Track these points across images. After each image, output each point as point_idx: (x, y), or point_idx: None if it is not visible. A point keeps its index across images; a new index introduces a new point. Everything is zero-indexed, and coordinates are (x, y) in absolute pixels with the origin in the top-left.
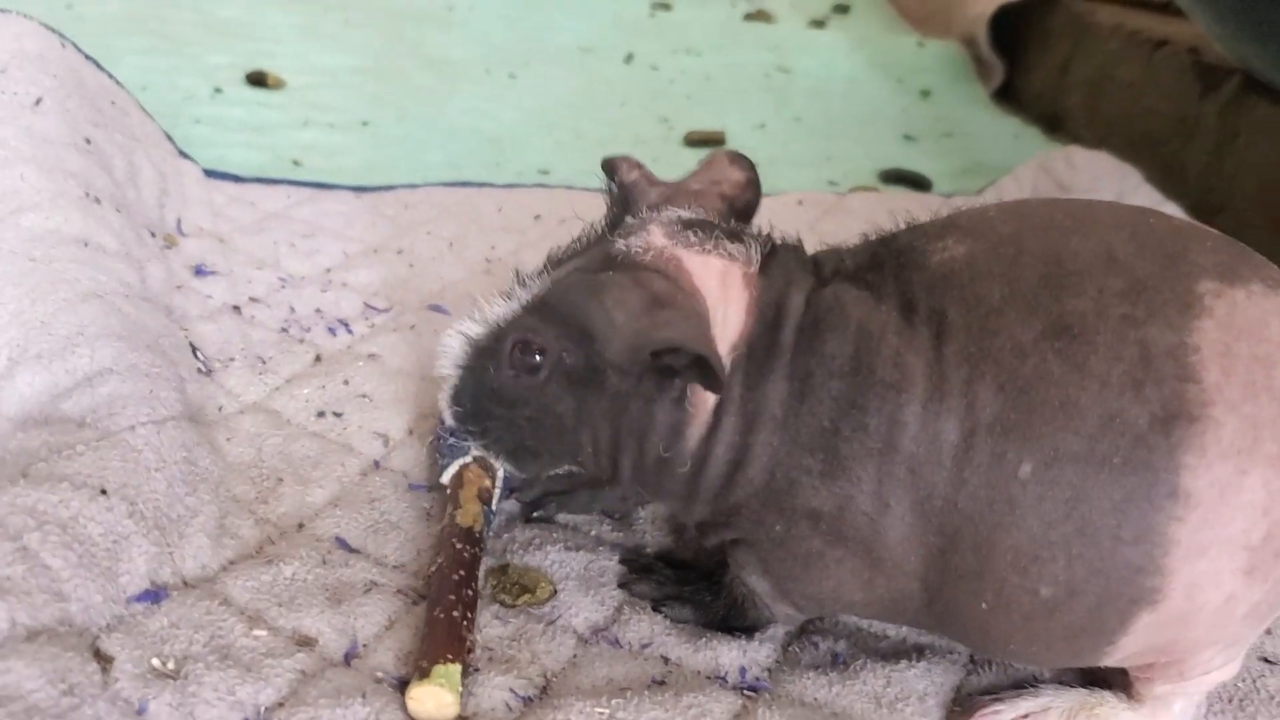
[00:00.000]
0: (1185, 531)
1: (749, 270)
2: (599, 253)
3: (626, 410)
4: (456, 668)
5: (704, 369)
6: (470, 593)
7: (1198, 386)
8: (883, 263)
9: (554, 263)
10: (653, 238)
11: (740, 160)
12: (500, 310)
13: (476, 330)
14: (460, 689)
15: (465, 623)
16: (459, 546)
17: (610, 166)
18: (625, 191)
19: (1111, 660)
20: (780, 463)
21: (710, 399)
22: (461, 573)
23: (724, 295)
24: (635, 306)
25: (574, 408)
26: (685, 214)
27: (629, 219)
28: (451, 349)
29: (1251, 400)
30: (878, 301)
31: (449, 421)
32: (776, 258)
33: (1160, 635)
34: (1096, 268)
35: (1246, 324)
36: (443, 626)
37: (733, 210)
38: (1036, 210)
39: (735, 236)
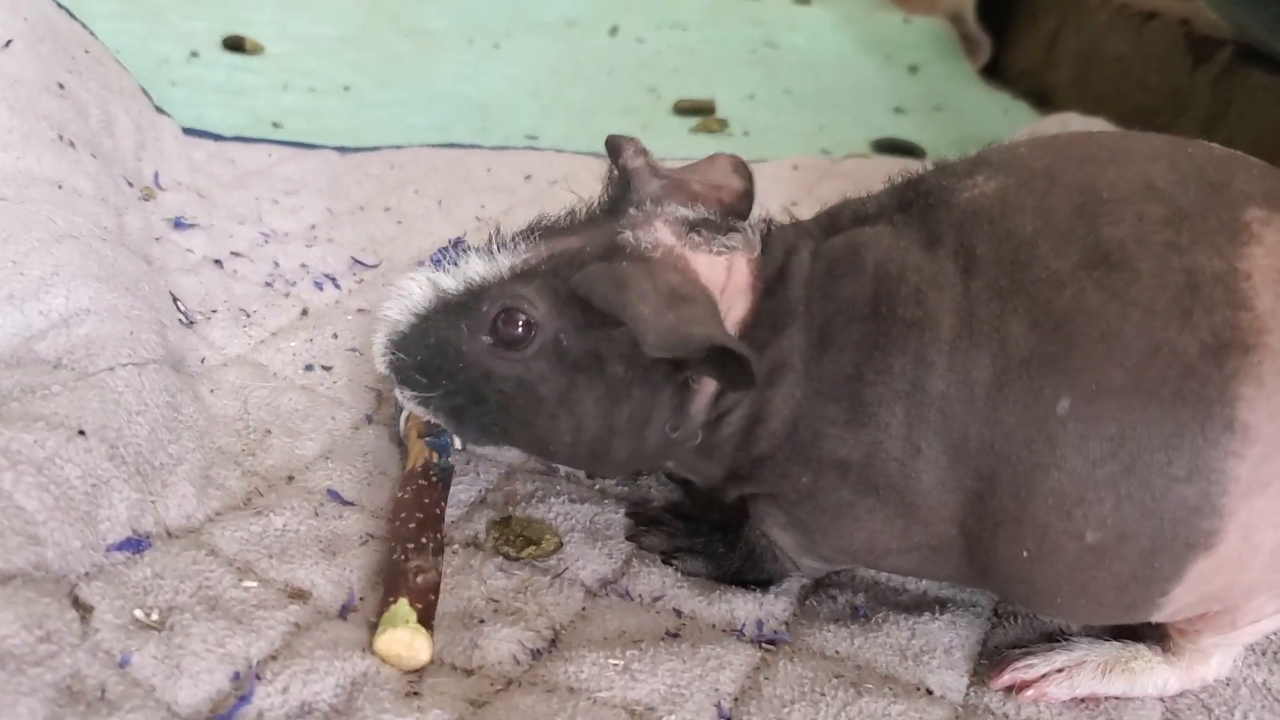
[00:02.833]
0: (1244, 468)
1: (751, 255)
2: (602, 238)
3: (628, 398)
4: (400, 603)
5: (729, 364)
6: (412, 526)
7: (1251, 314)
8: (910, 203)
9: (543, 232)
10: (660, 234)
11: (741, 168)
12: (479, 268)
13: (448, 282)
14: (412, 619)
15: (403, 557)
16: (399, 495)
17: (615, 147)
18: (626, 176)
19: (1163, 614)
20: (803, 414)
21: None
22: (402, 514)
23: (730, 285)
24: (655, 301)
25: (561, 390)
26: (689, 213)
27: (632, 209)
28: (411, 293)
29: None
30: (896, 240)
31: (380, 368)
32: (771, 236)
33: (1215, 582)
34: (1135, 196)
35: None
36: (386, 575)
37: (728, 214)
38: (1069, 144)
39: (733, 229)
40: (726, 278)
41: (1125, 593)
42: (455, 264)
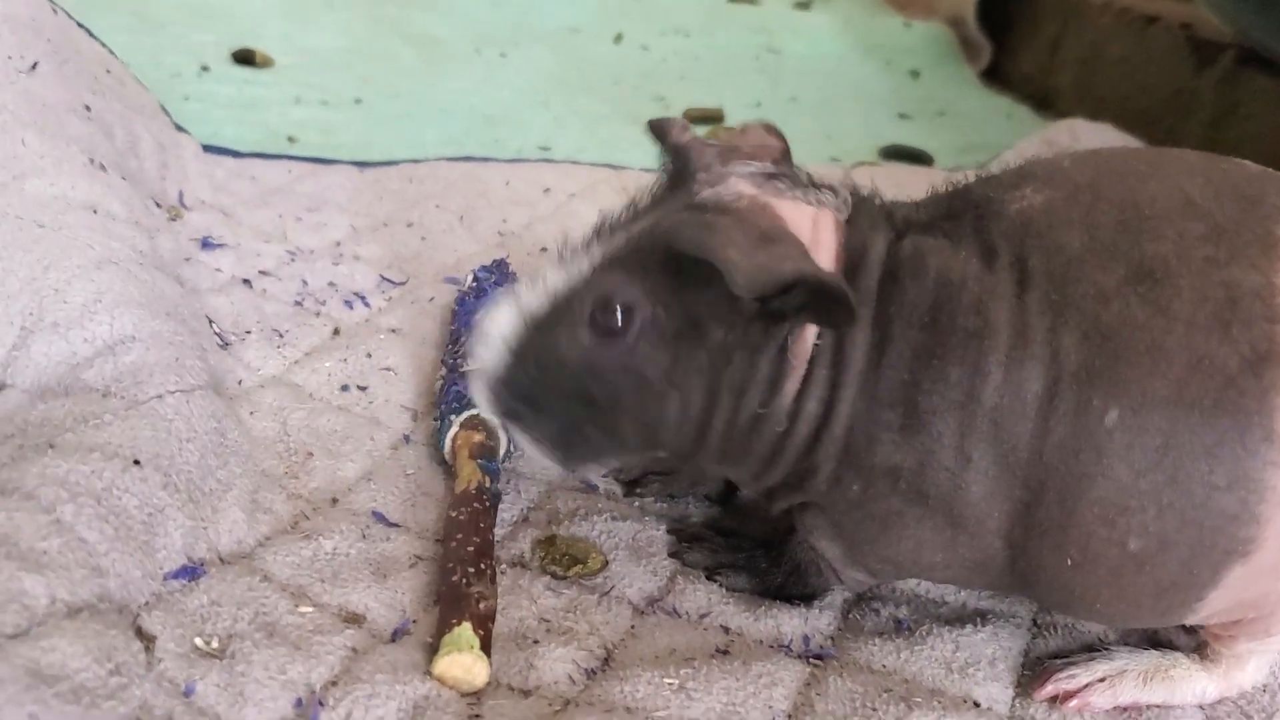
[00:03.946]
0: None
1: (839, 217)
2: (679, 205)
3: (729, 363)
4: (464, 626)
5: (827, 303)
6: (470, 549)
7: None
8: (959, 214)
9: (611, 227)
10: (739, 187)
11: (774, 130)
12: (558, 279)
13: (532, 302)
14: (475, 644)
15: (464, 581)
16: (453, 514)
17: (660, 129)
18: (681, 152)
19: (1196, 617)
20: (859, 418)
21: (807, 349)
22: (459, 536)
23: (815, 240)
24: (744, 244)
25: (666, 368)
26: (762, 167)
27: (700, 174)
28: (499, 327)
29: None
30: (956, 250)
31: (490, 416)
32: (859, 207)
33: (1250, 589)
34: (1174, 212)
35: None
36: (446, 597)
37: None
38: (1110, 159)
39: (820, 185)
40: (813, 233)
41: (1163, 598)
42: (532, 285)
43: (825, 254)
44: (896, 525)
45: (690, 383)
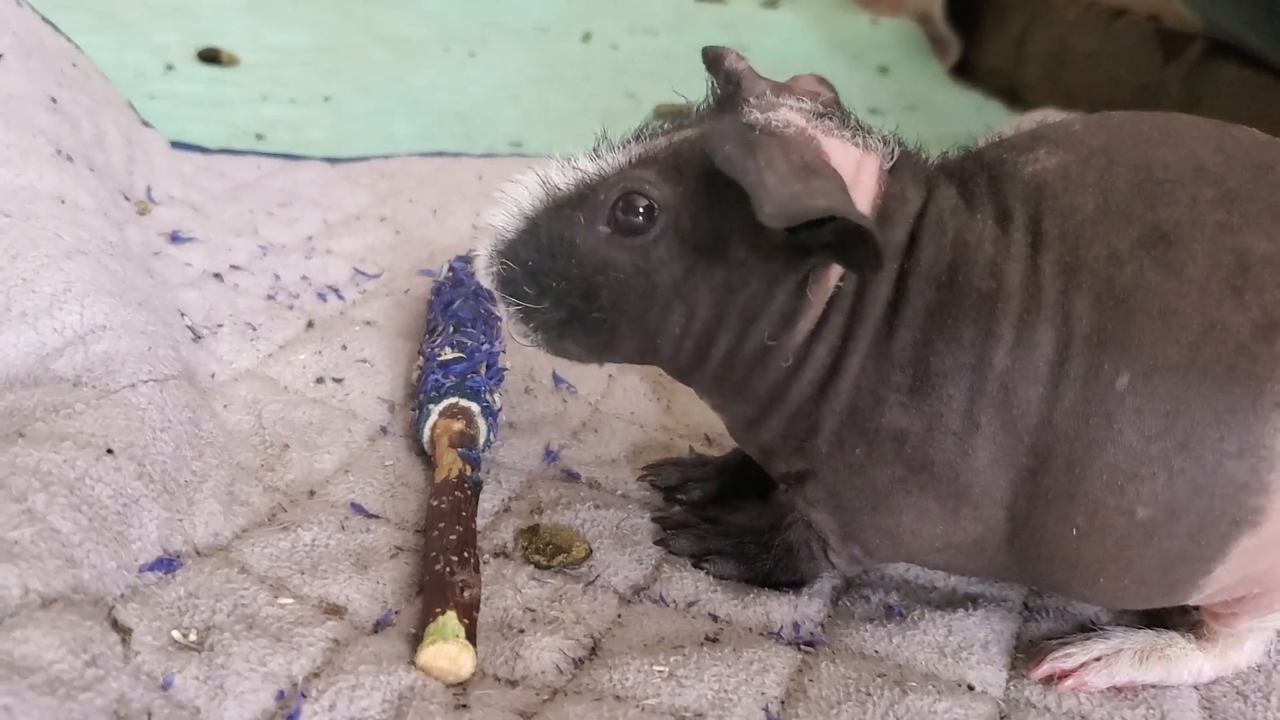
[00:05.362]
0: None
1: (884, 165)
2: (725, 121)
3: (745, 286)
4: (449, 615)
5: (856, 245)
6: (453, 538)
7: None
8: (972, 175)
9: (652, 133)
10: (789, 116)
11: (825, 82)
12: (590, 166)
13: (560, 179)
14: (460, 633)
15: (448, 569)
16: (434, 503)
17: (715, 56)
18: (733, 77)
19: (1202, 595)
20: (867, 377)
21: (828, 290)
22: (441, 525)
23: (856, 182)
24: (784, 170)
25: (678, 277)
26: (813, 105)
27: (751, 99)
28: (519, 196)
29: None
30: (973, 212)
31: (484, 281)
32: (904, 159)
33: (1258, 562)
34: (1187, 177)
35: None
36: (430, 586)
37: None
38: (1122, 124)
39: (870, 130)
40: (855, 175)
41: (1170, 571)
42: (565, 164)
43: (864, 198)
44: (899, 493)
45: (699, 298)
